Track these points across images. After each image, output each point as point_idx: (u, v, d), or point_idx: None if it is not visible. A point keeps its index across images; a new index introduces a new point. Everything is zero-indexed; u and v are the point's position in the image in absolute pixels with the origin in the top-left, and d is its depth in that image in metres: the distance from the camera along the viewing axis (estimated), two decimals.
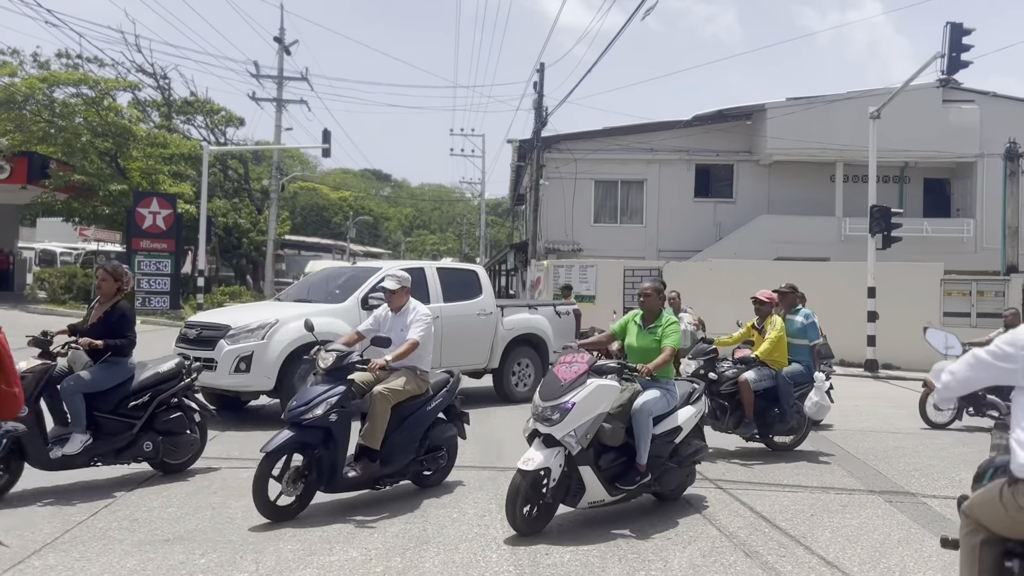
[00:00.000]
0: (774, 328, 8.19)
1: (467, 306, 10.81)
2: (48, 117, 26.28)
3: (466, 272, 11.59)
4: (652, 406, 5.68)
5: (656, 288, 6.23)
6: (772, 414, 8.06)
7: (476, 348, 10.85)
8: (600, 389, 5.37)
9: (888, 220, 17.83)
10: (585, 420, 5.26)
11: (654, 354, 5.92)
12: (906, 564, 4.92)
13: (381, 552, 4.85)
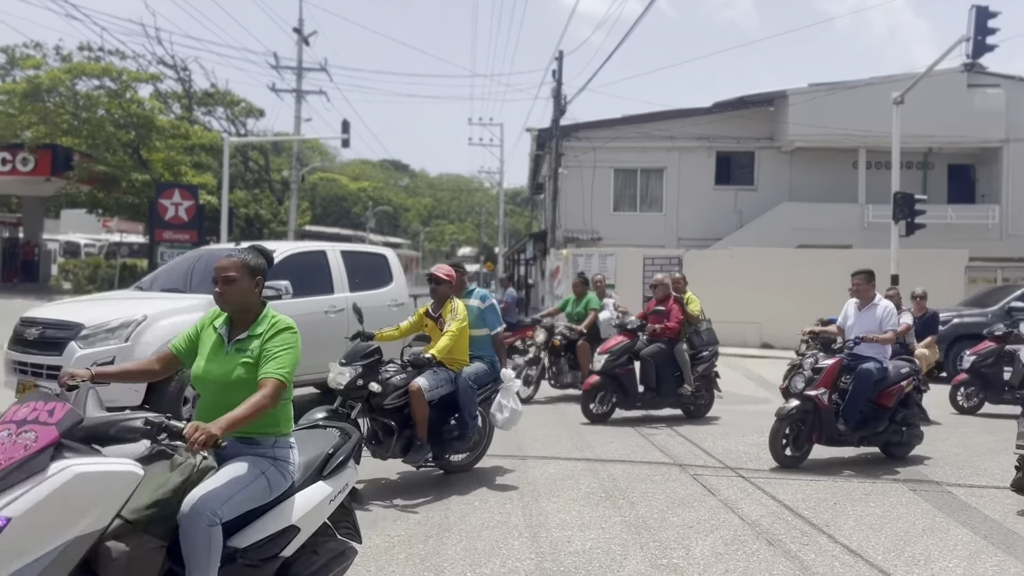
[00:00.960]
0: (455, 318, 6.28)
1: (377, 296, 9.27)
2: (72, 109, 26.55)
3: (374, 257, 10.15)
4: None
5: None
6: (449, 428, 6.29)
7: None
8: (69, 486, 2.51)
9: (912, 207, 17.64)
10: None
11: None
12: (931, 552, 4.88)
13: (403, 539, 4.88)
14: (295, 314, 7.00)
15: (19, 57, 28.42)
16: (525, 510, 5.53)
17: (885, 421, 7.24)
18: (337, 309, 8.76)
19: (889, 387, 7.21)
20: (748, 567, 4.55)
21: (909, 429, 7.45)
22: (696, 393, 9.35)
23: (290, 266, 8.35)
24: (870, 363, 7.10)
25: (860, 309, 7.41)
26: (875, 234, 23.02)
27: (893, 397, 7.24)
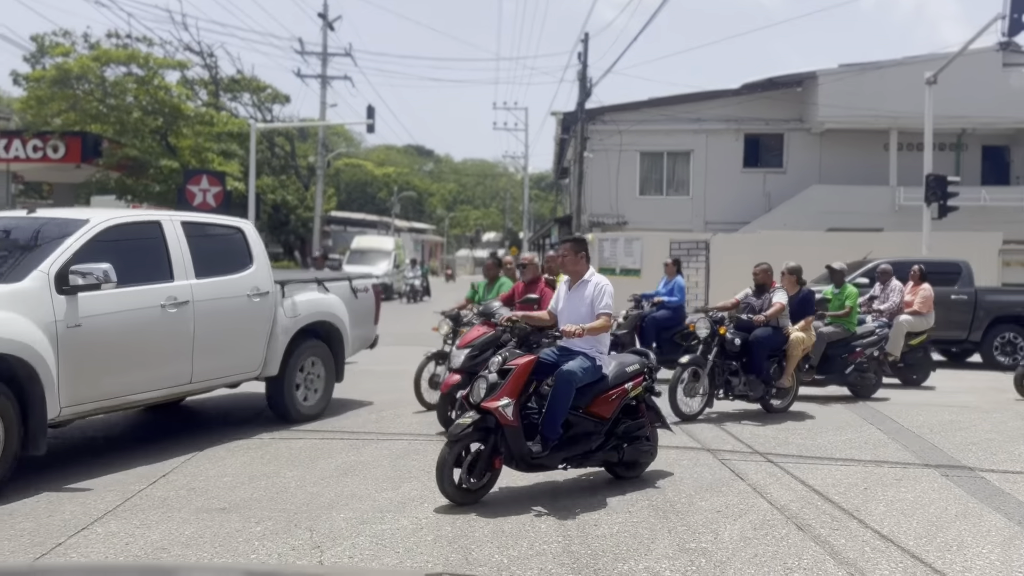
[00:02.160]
0: None
1: (232, 284, 7.11)
2: (100, 96, 26.81)
3: (228, 231, 7.57)
4: None
5: None
6: None
7: (246, 348, 7.22)
8: None
9: (944, 189, 17.36)
10: None
11: None
12: (964, 538, 4.82)
13: (431, 521, 4.90)
14: (121, 309, 6.11)
15: (48, 45, 28.70)
16: (552, 493, 5.53)
17: (600, 436, 5.61)
18: (179, 302, 6.50)
19: (605, 392, 5.64)
20: (777, 551, 4.52)
21: (634, 445, 5.80)
22: None
23: (111, 243, 6.20)
24: (576, 360, 5.48)
25: (570, 288, 5.89)
26: (907, 217, 22.71)
27: (611, 405, 5.66)
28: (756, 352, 8.45)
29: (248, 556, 4.33)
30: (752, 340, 8.48)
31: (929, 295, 11.35)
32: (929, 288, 11.43)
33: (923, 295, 11.32)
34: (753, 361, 8.48)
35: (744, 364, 8.53)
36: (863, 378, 9.88)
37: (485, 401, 5.16)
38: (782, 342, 8.67)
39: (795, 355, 8.68)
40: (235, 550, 4.41)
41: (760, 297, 8.87)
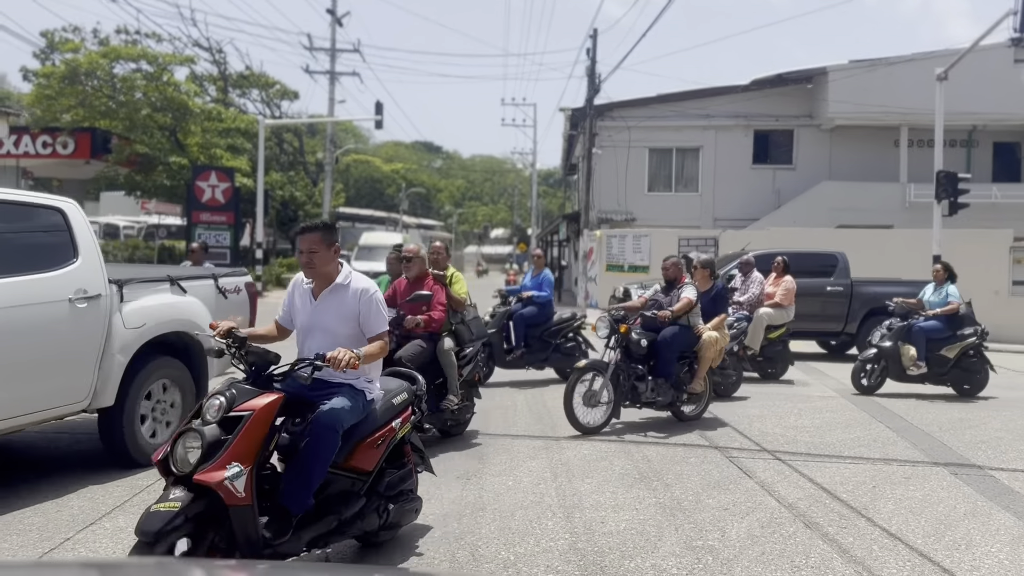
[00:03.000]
0: None
1: (43, 284, 5.21)
2: (109, 92, 26.90)
3: (40, 213, 5.50)
4: None
5: None
6: None
7: (66, 371, 5.35)
8: None
9: (955, 186, 17.25)
10: None
11: None
12: (972, 537, 4.79)
13: (439, 517, 4.90)
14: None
15: (58, 41, 28.81)
16: (559, 490, 5.53)
17: (360, 498, 4.10)
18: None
19: (370, 435, 4.13)
20: (785, 550, 4.50)
21: (400, 503, 4.35)
22: (464, 405, 6.96)
23: None
24: (339, 398, 3.93)
25: (316, 295, 4.22)
26: (917, 214, 22.61)
27: (376, 452, 4.17)
28: (663, 353, 7.70)
29: None
30: (659, 340, 7.74)
31: (791, 287, 11.09)
32: (791, 280, 11.17)
33: (785, 287, 11.07)
34: (661, 364, 7.72)
35: (652, 367, 7.77)
36: (723, 375, 9.28)
37: (201, 471, 3.40)
38: (693, 342, 7.97)
39: (707, 356, 7.96)
40: None
41: (669, 294, 8.16)
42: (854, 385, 10.03)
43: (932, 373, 9.86)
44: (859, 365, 10.09)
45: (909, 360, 9.75)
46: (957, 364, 9.89)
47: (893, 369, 9.89)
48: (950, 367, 9.88)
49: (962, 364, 9.94)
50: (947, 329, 9.90)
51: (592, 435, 7.20)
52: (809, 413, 8.67)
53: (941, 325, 9.92)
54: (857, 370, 10.08)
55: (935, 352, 9.83)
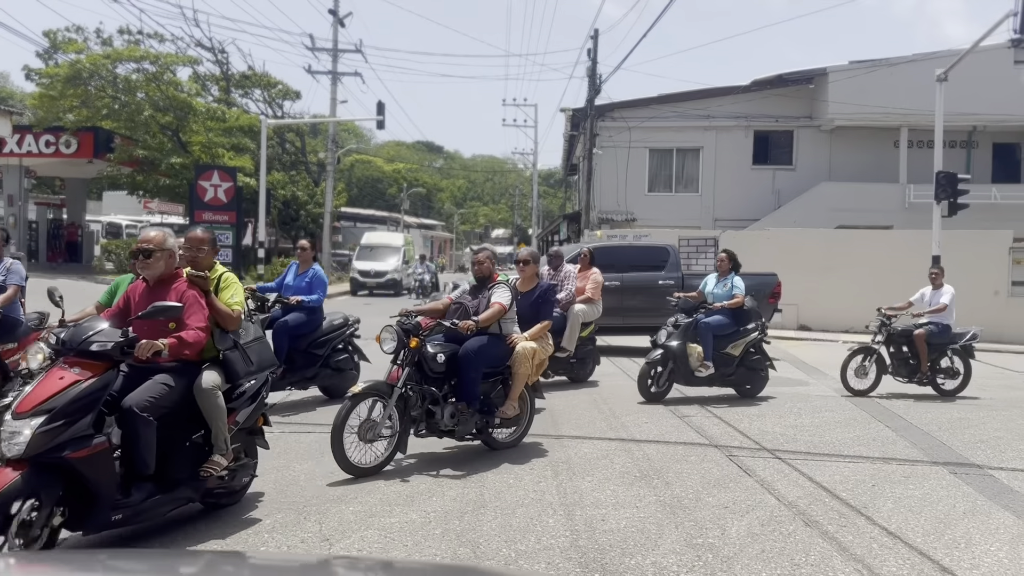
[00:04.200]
0: None
1: None
2: (112, 93, 26.95)
3: None
4: None
5: None
6: None
7: None
8: None
9: (954, 186, 17.27)
10: None
11: None
12: (972, 536, 4.82)
13: (440, 515, 4.93)
14: None
15: (61, 41, 28.85)
16: (560, 488, 5.56)
17: None
18: None
19: None
20: (785, 548, 4.53)
21: None
22: (241, 465, 5.05)
23: None
24: None
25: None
26: (916, 215, 22.61)
27: None
28: (466, 371, 6.12)
29: (257, 548, 4.37)
30: (461, 355, 6.14)
31: (599, 281, 10.40)
32: (599, 273, 10.48)
33: (594, 280, 10.31)
34: (462, 384, 6.15)
35: (453, 388, 6.24)
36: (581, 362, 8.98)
37: None
38: (505, 355, 6.42)
39: (521, 373, 6.41)
40: (244, 542, 4.45)
41: (478, 296, 6.57)
42: (641, 393, 8.93)
43: (718, 374, 9.06)
44: (645, 369, 9.01)
45: (696, 360, 8.90)
46: (742, 363, 9.20)
47: (681, 371, 8.96)
48: (736, 366, 9.17)
49: (746, 362, 9.25)
50: (733, 324, 9.18)
51: (367, 477, 5.64)
52: (809, 412, 8.70)
53: (727, 320, 9.18)
54: (644, 375, 9.00)
55: (721, 350, 9.07)
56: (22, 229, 26.84)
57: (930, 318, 10.17)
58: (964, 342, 10.12)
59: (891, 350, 10.22)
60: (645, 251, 13.72)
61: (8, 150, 24.98)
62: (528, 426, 6.82)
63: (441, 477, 5.79)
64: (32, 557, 2.64)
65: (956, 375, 10.16)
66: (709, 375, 8.95)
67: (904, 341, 10.15)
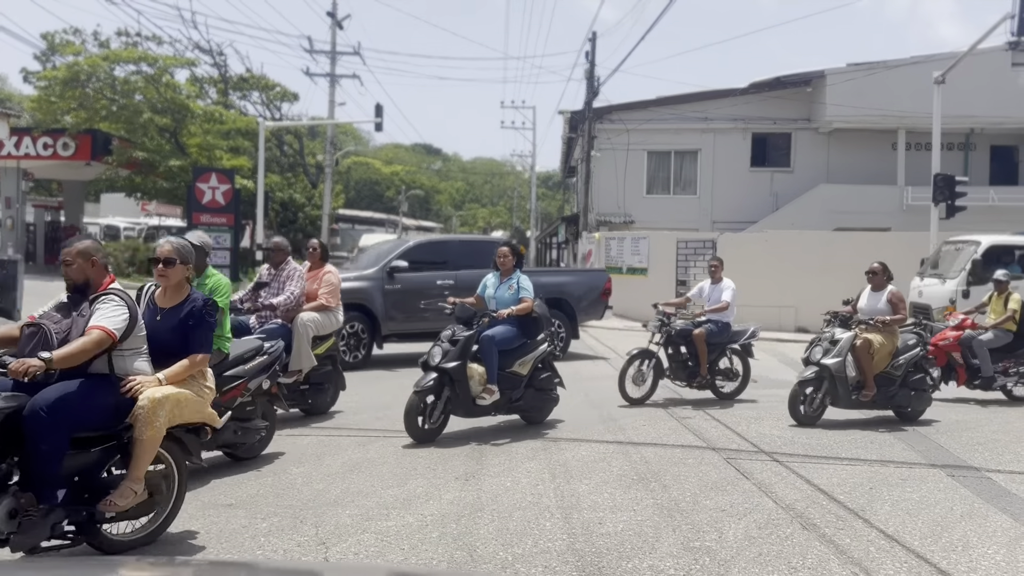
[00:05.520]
0: None
1: None
2: (110, 95, 26.94)
3: None
4: None
5: None
6: None
7: None
8: None
9: (952, 189, 17.30)
10: None
11: None
12: (969, 539, 4.81)
13: (436, 518, 4.92)
14: None
15: (59, 43, 28.84)
16: (557, 491, 5.55)
17: None
18: None
19: None
20: (782, 551, 4.52)
21: None
22: None
23: None
24: None
25: None
26: (914, 217, 22.63)
27: None
28: (36, 440, 3.82)
29: (254, 552, 4.36)
30: (27, 414, 3.82)
31: (335, 283, 8.20)
32: (335, 273, 8.34)
33: (328, 282, 8.12)
34: (32, 462, 3.86)
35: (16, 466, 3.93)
36: (245, 431, 6.03)
37: None
38: (119, 410, 4.18)
39: (149, 438, 4.15)
40: (241, 546, 4.44)
41: (73, 312, 4.28)
42: (411, 434, 6.80)
43: (504, 399, 7.25)
44: (414, 400, 6.80)
45: (479, 384, 7.00)
46: (530, 383, 7.53)
47: (460, 399, 6.96)
48: (524, 387, 7.46)
49: (535, 382, 7.56)
50: (520, 336, 7.42)
51: None
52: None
53: (513, 331, 7.40)
54: (412, 409, 6.78)
55: (507, 369, 7.28)
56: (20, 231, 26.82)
57: (710, 316, 9.43)
58: (743, 341, 9.53)
59: (669, 352, 9.36)
60: (479, 246, 12.48)
61: (6, 152, 24.96)
62: (174, 510, 4.51)
63: (437, 480, 5.78)
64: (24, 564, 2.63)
65: (735, 377, 9.55)
66: (494, 401, 7.12)
67: (682, 342, 9.29)
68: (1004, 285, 10.35)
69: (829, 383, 8.08)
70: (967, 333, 10.12)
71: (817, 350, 8.24)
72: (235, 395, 5.86)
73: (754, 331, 9.69)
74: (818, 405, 8.13)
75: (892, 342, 8.28)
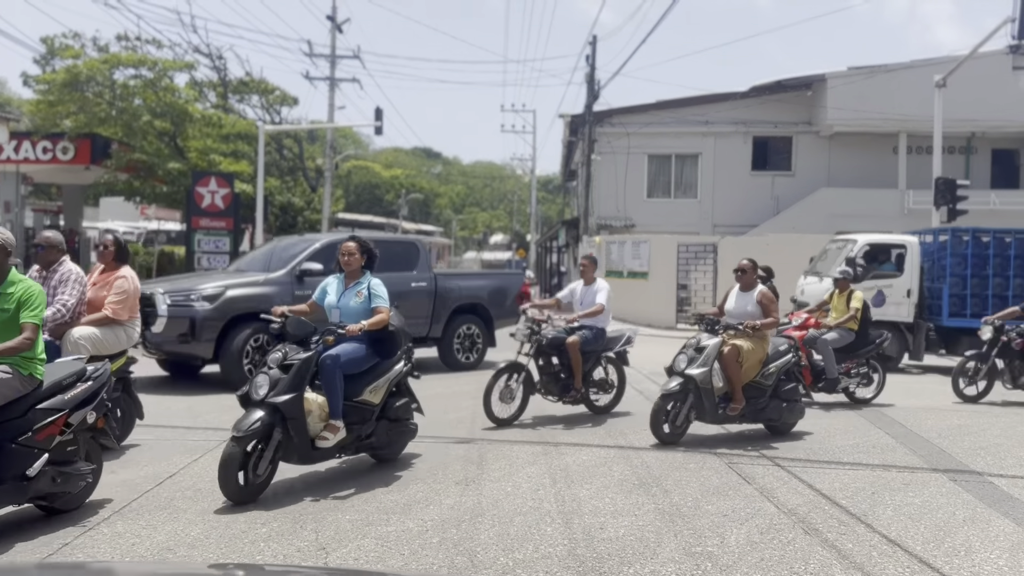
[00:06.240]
0: None
1: None
2: (109, 99, 26.94)
3: None
4: None
5: None
6: None
7: None
8: None
9: (953, 192, 17.31)
10: None
11: None
12: (972, 543, 4.79)
13: (437, 523, 4.90)
14: None
15: (58, 47, 28.85)
16: (558, 496, 5.52)
17: None
18: None
19: None
20: (784, 556, 4.50)
21: None
22: None
23: None
24: None
25: None
26: (916, 220, 22.62)
27: None
28: None
29: (254, 557, 4.34)
30: None
31: (128, 289, 6.62)
32: (131, 278, 6.72)
33: (120, 288, 6.60)
34: None
35: None
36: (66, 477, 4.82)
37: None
38: None
39: None
40: (241, 551, 4.41)
41: None
42: (226, 493, 5.15)
43: (352, 437, 5.77)
44: (233, 450, 5.12)
45: (319, 420, 5.56)
46: (383, 413, 6.07)
47: (295, 441, 5.40)
48: (376, 419, 6.00)
49: (389, 411, 6.13)
50: (372, 355, 5.96)
51: None
52: (808, 419, 8.65)
53: (362, 350, 5.87)
54: (231, 460, 5.10)
55: (355, 398, 5.80)
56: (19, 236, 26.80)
57: (583, 321, 8.34)
58: (619, 348, 8.66)
59: (540, 363, 8.27)
60: (389, 247, 11.28)
61: (5, 156, 24.94)
62: None
63: (438, 485, 5.75)
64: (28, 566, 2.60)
65: (610, 388, 8.68)
66: (339, 441, 5.65)
67: (555, 352, 8.26)
68: (845, 283, 10.07)
69: (695, 396, 7.20)
70: (811, 333, 9.76)
71: (681, 358, 7.35)
72: (52, 432, 4.67)
73: (629, 337, 8.78)
74: (683, 421, 7.24)
75: (762, 348, 7.50)
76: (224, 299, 9.55)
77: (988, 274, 13.67)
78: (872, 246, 14.09)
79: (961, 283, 13.70)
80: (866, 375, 9.85)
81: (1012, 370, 10.38)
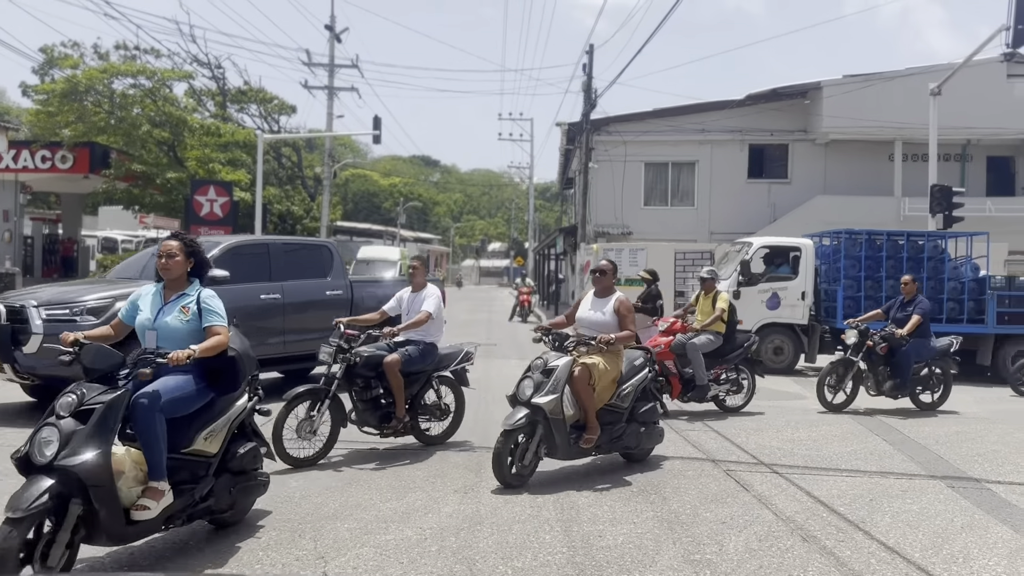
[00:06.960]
0: None
1: None
2: (108, 108, 26.98)
3: None
4: None
5: None
6: None
7: None
8: None
9: (949, 199, 17.35)
10: None
11: None
12: (970, 550, 4.80)
13: (435, 532, 4.90)
14: None
15: (58, 57, 28.89)
16: (557, 504, 5.53)
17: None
18: None
19: None
20: (782, 563, 4.51)
21: None
22: None
23: None
24: None
25: None
26: (911, 228, 22.63)
27: None
28: None
29: (252, 566, 4.34)
30: None
31: None
32: None
33: None
34: None
35: None
36: None
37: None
38: None
39: None
40: (239, 560, 4.42)
41: None
42: None
43: (180, 503, 4.32)
44: (7, 542, 3.64)
45: (134, 484, 4.08)
46: (225, 464, 4.70)
47: (104, 515, 3.91)
48: (214, 473, 4.60)
49: (232, 462, 4.73)
50: (204, 391, 4.52)
51: None
52: (806, 426, 8.69)
53: (191, 384, 4.44)
54: (8, 556, 3.63)
55: (183, 449, 4.42)
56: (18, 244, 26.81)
57: (408, 335, 7.09)
58: (455, 366, 7.37)
59: (356, 388, 6.82)
60: (299, 251, 10.38)
61: (4, 165, 24.97)
62: None
63: (436, 493, 5.76)
64: None
65: (444, 414, 7.34)
66: (164, 509, 4.17)
67: (372, 373, 6.84)
68: (711, 284, 9.75)
69: (544, 428, 5.98)
70: (678, 338, 9.29)
71: (527, 384, 6.05)
72: None
73: (468, 353, 7.50)
74: (531, 458, 6.00)
75: (616, 366, 6.37)
76: (113, 313, 7.28)
77: (882, 276, 13.76)
78: (768, 249, 14.14)
79: (856, 285, 13.84)
80: (735, 381, 9.46)
81: (876, 375, 9.76)
